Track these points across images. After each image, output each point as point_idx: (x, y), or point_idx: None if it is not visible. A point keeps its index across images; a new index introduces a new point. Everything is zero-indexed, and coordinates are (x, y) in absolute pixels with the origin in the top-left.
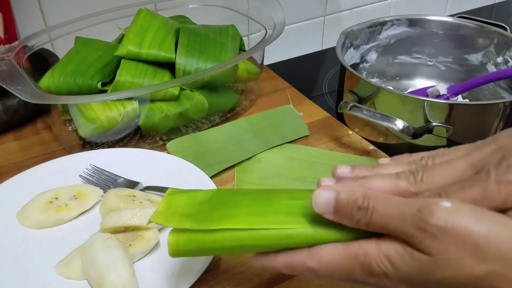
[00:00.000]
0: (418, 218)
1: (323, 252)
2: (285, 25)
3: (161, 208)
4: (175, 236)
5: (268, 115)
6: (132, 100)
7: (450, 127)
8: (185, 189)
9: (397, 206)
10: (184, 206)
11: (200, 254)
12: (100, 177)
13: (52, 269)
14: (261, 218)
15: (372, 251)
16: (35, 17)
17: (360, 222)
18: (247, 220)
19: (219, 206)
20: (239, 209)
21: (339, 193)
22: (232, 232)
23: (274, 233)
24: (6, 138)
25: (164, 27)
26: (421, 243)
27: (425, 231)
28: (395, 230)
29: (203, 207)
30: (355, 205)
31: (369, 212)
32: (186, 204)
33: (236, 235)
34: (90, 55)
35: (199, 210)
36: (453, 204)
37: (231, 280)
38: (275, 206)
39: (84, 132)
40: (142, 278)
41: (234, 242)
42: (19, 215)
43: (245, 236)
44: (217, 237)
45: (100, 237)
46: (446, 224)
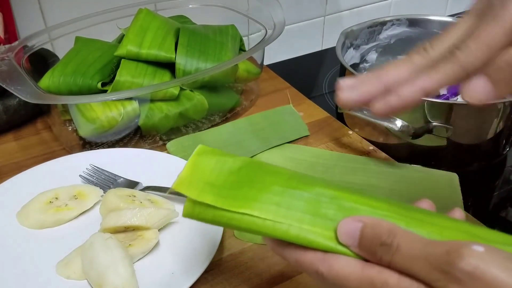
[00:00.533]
0: (445, 260)
1: (337, 261)
2: (285, 25)
3: (186, 173)
4: (192, 202)
5: (268, 115)
6: (132, 100)
7: (450, 127)
8: (215, 150)
9: (423, 246)
10: (210, 173)
11: (212, 224)
12: (100, 177)
13: (52, 269)
14: (287, 212)
15: (392, 281)
16: (35, 17)
17: (382, 259)
18: (273, 211)
19: (247, 183)
20: (267, 195)
21: (365, 227)
22: (253, 218)
23: (294, 231)
24: (6, 138)
25: (164, 27)
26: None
27: (451, 275)
28: (418, 273)
29: (230, 179)
30: (378, 240)
31: (392, 249)
32: (212, 170)
33: (256, 221)
34: (90, 55)
35: (224, 182)
36: (486, 249)
37: (231, 280)
38: (306, 202)
39: (84, 132)
40: (142, 278)
41: (252, 227)
42: (19, 215)
43: (265, 225)
44: (236, 217)
45: (100, 237)
46: (475, 271)
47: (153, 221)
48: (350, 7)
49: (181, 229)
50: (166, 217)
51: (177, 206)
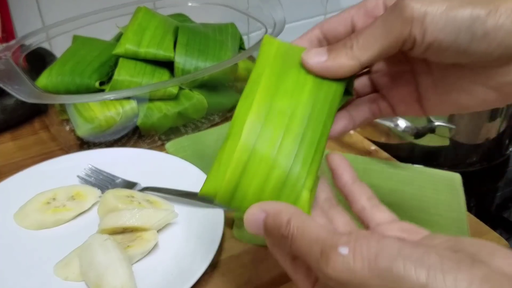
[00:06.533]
0: (318, 262)
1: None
2: (286, 24)
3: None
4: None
5: None
6: (131, 99)
7: (453, 127)
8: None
9: (309, 242)
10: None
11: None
12: (98, 177)
13: (50, 270)
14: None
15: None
16: (32, 15)
17: (285, 250)
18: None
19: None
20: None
21: (267, 217)
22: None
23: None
24: (4, 138)
25: (163, 25)
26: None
27: (326, 279)
28: (312, 267)
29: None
30: (278, 232)
31: (288, 242)
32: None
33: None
34: (88, 54)
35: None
36: (350, 249)
37: (230, 281)
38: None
39: (82, 132)
40: (140, 280)
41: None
42: (16, 216)
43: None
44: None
45: (99, 238)
46: (341, 278)
47: (152, 222)
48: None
49: (180, 230)
50: (165, 218)
51: (176, 207)
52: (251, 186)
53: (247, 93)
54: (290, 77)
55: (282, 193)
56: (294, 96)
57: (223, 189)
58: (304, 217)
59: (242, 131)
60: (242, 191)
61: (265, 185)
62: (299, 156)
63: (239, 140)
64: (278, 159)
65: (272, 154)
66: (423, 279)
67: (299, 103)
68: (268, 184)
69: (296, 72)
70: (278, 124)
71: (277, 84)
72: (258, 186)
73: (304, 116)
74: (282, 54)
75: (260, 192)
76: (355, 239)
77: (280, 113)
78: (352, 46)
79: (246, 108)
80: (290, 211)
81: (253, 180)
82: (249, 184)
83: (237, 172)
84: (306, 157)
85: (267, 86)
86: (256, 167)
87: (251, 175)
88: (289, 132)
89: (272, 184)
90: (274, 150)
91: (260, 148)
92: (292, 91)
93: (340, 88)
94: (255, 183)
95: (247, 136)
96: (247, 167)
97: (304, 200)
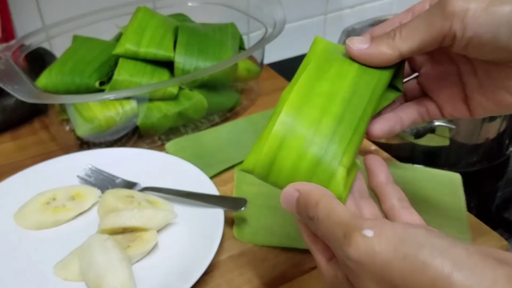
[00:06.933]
0: (340, 244)
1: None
2: (286, 24)
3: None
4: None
5: (269, 114)
6: (131, 99)
7: (453, 127)
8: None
9: (333, 225)
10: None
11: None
12: (98, 177)
13: (50, 270)
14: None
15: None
16: (32, 15)
17: (312, 230)
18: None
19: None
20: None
21: (299, 197)
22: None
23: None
24: (3, 138)
25: (162, 25)
26: (346, 271)
27: (344, 262)
28: (332, 248)
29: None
30: (306, 213)
31: (315, 223)
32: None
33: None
34: (88, 54)
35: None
36: (376, 233)
37: (230, 282)
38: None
39: (82, 132)
40: (140, 280)
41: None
42: (16, 216)
43: None
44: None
45: (98, 238)
46: (362, 259)
47: (152, 222)
48: (352, 5)
49: (180, 230)
50: (165, 218)
51: (176, 207)
52: (287, 161)
53: (293, 81)
54: (334, 66)
55: (318, 168)
56: (336, 82)
57: (261, 164)
58: (332, 201)
59: (282, 110)
60: (278, 166)
61: (301, 160)
62: (336, 135)
63: (278, 117)
64: (315, 136)
65: (310, 132)
66: (449, 270)
67: (340, 87)
68: (304, 160)
69: (340, 63)
70: (317, 104)
71: (321, 72)
72: (294, 161)
73: (344, 99)
74: (329, 49)
75: (296, 167)
76: (381, 224)
77: (320, 95)
78: (394, 36)
79: (288, 91)
80: (319, 193)
81: (289, 155)
82: (285, 159)
83: (274, 146)
84: (343, 136)
85: (310, 72)
86: (293, 143)
87: (288, 150)
88: (327, 112)
89: (308, 160)
90: (312, 128)
91: (298, 125)
92: (334, 78)
93: (384, 79)
94: (291, 158)
95: (286, 114)
96: (284, 143)
97: (340, 176)
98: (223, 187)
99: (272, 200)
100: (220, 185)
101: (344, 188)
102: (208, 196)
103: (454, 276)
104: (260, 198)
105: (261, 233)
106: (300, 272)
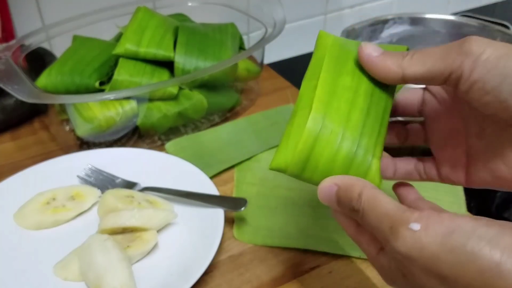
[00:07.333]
0: (387, 237)
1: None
2: (286, 24)
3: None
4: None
5: (269, 114)
6: (131, 99)
7: None
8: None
9: (379, 216)
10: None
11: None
12: (98, 177)
13: (50, 270)
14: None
15: (363, 242)
16: (32, 15)
17: (357, 220)
18: None
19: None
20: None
21: (339, 190)
22: None
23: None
24: (3, 138)
25: (162, 25)
26: (396, 262)
27: (395, 253)
28: (379, 239)
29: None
30: (349, 205)
31: (360, 214)
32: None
33: None
34: (88, 54)
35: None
36: (423, 226)
37: (230, 282)
38: None
39: (82, 132)
40: (140, 280)
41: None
42: (16, 216)
43: None
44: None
45: (98, 238)
46: (410, 252)
47: (152, 222)
48: (352, 5)
49: (180, 231)
50: (165, 218)
51: (176, 207)
52: (322, 157)
53: (310, 76)
54: (349, 60)
55: (353, 162)
56: (356, 75)
57: (295, 161)
58: (375, 191)
59: (311, 106)
60: (314, 162)
61: (335, 155)
62: (366, 129)
63: (309, 113)
64: (346, 131)
65: (341, 127)
66: (497, 258)
67: (362, 80)
68: (339, 155)
69: (355, 57)
70: (344, 98)
71: (339, 66)
72: (329, 157)
73: (368, 92)
74: (339, 44)
75: (331, 162)
76: (427, 216)
77: (345, 88)
78: (405, 57)
79: (311, 86)
80: (361, 185)
81: (324, 151)
82: (320, 155)
83: (308, 143)
84: (372, 129)
85: (330, 67)
86: (326, 139)
87: (322, 146)
88: (355, 106)
89: (343, 155)
90: (342, 123)
91: (328, 121)
92: (353, 72)
93: None
94: (326, 154)
95: (316, 110)
96: (317, 139)
97: (375, 168)
98: (223, 187)
99: (272, 200)
100: (220, 185)
101: (380, 179)
102: (208, 196)
103: (503, 264)
104: (260, 198)
105: (261, 233)
106: (300, 272)
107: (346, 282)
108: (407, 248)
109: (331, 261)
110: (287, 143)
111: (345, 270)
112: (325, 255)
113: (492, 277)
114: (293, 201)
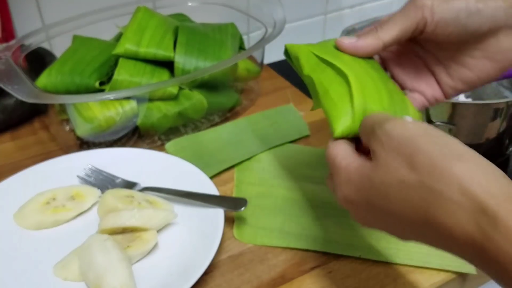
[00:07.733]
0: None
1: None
2: (286, 24)
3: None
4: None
5: (268, 114)
6: (130, 99)
7: (453, 127)
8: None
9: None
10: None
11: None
12: (98, 177)
13: (50, 270)
14: None
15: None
16: (32, 15)
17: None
18: None
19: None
20: None
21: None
22: None
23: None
24: (3, 138)
25: (162, 25)
26: (371, 145)
27: (381, 133)
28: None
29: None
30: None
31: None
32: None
33: None
34: (88, 54)
35: None
36: (413, 121)
37: (230, 282)
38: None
39: (82, 132)
40: (140, 280)
41: None
42: (16, 216)
43: None
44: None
45: (98, 239)
46: (393, 131)
47: (152, 222)
48: (352, 5)
49: (180, 231)
50: (165, 218)
51: (176, 207)
52: (374, 110)
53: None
54: (344, 55)
55: (395, 105)
56: (350, 60)
57: (356, 121)
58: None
59: (346, 76)
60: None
61: (381, 102)
62: (396, 105)
63: (348, 81)
64: (380, 89)
65: (374, 85)
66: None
67: (367, 68)
68: (383, 103)
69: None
70: (363, 69)
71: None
72: (378, 109)
73: (378, 76)
74: (311, 45)
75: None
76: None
77: (365, 74)
78: (377, 30)
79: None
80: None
81: (374, 106)
82: (372, 109)
83: (360, 102)
84: (401, 101)
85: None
86: (372, 95)
87: (371, 102)
88: (371, 74)
89: (386, 102)
90: (374, 82)
91: (364, 82)
92: (346, 58)
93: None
94: (375, 108)
95: (353, 77)
96: (365, 96)
97: (411, 109)
98: (223, 187)
99: (272, 200)
100: (220, 185)
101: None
102: (208, 196)
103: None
104: (260, 198)
105: (261, 233)
106: (300, 272)
107: (346, 282)
108: (393, 127)
109: (331, 261)
110: (339, 112)
111: (345, 270)
112: (325, 255)
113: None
114: (293, 201)
